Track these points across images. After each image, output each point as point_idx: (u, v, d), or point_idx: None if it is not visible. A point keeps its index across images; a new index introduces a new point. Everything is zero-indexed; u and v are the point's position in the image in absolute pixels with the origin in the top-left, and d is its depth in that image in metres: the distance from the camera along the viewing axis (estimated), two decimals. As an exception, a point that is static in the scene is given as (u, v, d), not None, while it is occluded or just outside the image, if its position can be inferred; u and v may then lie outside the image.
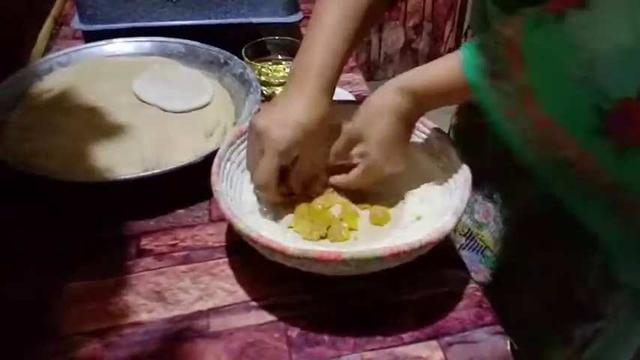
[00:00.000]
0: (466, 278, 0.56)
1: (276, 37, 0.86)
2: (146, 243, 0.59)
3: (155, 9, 0.88)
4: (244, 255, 0.56)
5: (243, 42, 0.82)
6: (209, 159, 0.59)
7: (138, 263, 0.57)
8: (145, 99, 0.75)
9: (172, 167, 0.62)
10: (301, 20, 0.92)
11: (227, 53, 0.83)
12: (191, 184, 0.63)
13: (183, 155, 0.65)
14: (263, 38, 0.86)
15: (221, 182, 0.56)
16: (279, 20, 0.91)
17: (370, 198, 0.62)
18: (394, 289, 0.55)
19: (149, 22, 0.89)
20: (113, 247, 0.59)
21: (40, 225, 0.61)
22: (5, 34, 0.85)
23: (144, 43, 0.86)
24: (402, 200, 0.61)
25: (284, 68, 0.84)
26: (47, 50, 0.95)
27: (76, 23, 0.89)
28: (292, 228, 0.58)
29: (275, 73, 0.83)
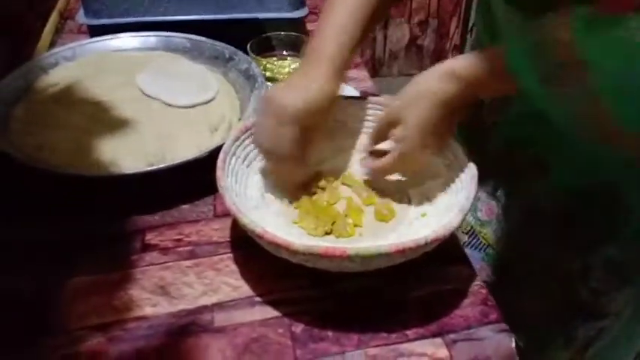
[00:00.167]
0: (471, 275, 0.56)
1: (281, 33, 0.86)
2: (151, 238, 0.59)
3: (160, 4, 0.88)
4: (249, 250, 0.56)
5: (248, 37, 0.82)
6: (214, 154, 0.58)
7: (142, 258, 0.57)
8: (150, 94, 0.74)
9: (177, 162, 0.62)
10: (307, 16, 0.92)
11: (232, 48, 0.82)
12: (196, 179, 0.63)
13: (187, 150, 0.65)
14: (268, 34, 0.86)
15: (226, 177, 0.56)
16: (284, 16, 0.91)
17: (375, 194, 0.61)
18: (399, 286, 0.54)
19: (154, 17, 0.88)
20: (118, 242, 0.59)
21: (45, 219, 0.61)
22: (7, 29, 0.85)
23: (149, 38, 0.86)
24: (407, 197, 0.61)
25: (289, 64, 0.83)
26: (52, 44, 0.95)
27: (82, 18, 0.89)
28: (297, 224, 0.58)
29: (280, 69, 0.83)
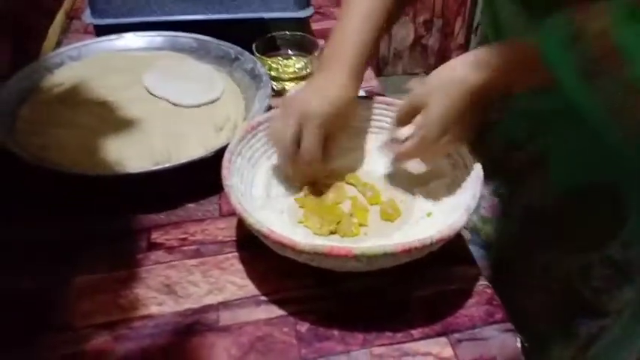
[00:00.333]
0: (476, 275, 0.56)
1: (286, 33, 0.86)
2: (157, 236, 0.60)
3: (166, 3, 0.88)
4: (254, 249, 0.56)
5: (253, 37, 0.82)
6: (219, 153, 0.59)
7: (148, 256, 0.57)
8: (156, 93, 0.75)
9: (183, 161, 0.62)
10: (312, 15, 0.92)
11: (238, 48, 0.83)
12: (201, 179, 0.63)
13: (193, 150, 0.65)
14: (274, 33, 0.86)
15: (232, 177, 0.56)
16: (290, 15, 0.90)
17: (381, 193, 0.61)
18: (404, 285, 0.54)
19: (160, 17, 0.89)
20: (123, 241, 0.59)
21: (50, 218, 0.62)
22: (13, 28, 0.86)
23: (155, 38, 0.86)
24: (413, 196, 0.61)
25: (294, 63, 0.84)
26: (58, 44, 0.95)
27: (88, 17, 0.89)
28: (302, 223, 0.58)
29: (285, 69, 0.83)
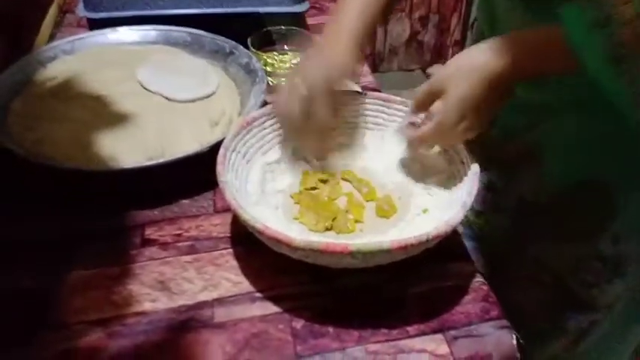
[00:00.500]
0: (472, 272, 0.56)
1: (282, 27, 0.85)
2: (150, 233, 0.59)
3: (160, -3, 0.88)
4: (249, 246, 0.56)
5: (249, 31, 0.81)
6: (214, 149, 0.58)
7: (142, 253, 0.57)
8: (150, 88, 0.74)
9: (177, 157, 0.62)
10: (308, 10, 0.91)
11: (233, 43, 0.82)
12: (196, 174, 0.62)
13: (187, 145, 0.65)
14: (269, 28, 0.85)
15: (227, 172, 0.55)
16: (285, 10, 0.90)
17: (376, 190, 0.61)
18: (400, 282, 0.54)
19: (154, 11, 0.88)
20: (117, 237, 0.59)
21: (44, 213, 0.61)
22: (5, 22, 0.85)
23: (149, 32, 0.85)
24: (409, 192, 0.61)
25: (290, 58, 0.83)
26: (51, 38, 0.94)
27: (81, 11, 0.88)
28: (297, 219, 0.58)
29: (281, 64, 0.82)
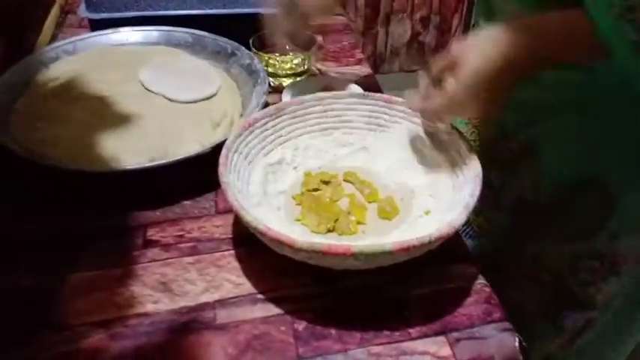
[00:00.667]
0: (475, 274, 0.56)
1: (284, 28, 0.85)
2: (152, 234, 0.59)
3: (162, -2, 0.88)
4: (251, 247, 0.56)
5: (250, 32, 0.81)
6: (216, 150, 0.58)
7: (144, 254, 0.57)
8: (152, 89, 0.74)
9: (179, 158, 0.62)
10: (309, 11, 0.91)
11: (234, 44, 0.82)
12: (197, 175, 0.62)
13: (189, 146, 0.65)
14: (271, 29, 0.85)
15: (229, 173, 0.55)
16: (287, 11, 0.90)
17: (379, 191, 0.61)
18: (402, 284, 0.54)
19: (156, 11, 0.88)
20: (119, 238, 0.59)
21: (46, 214, 0.61)
22: (7, 22, 0.85)
23: (151, 33, 0.86)
24: (411, 194, 0.61)
25: (291, 59, 0.83)
26: (53, 38, 0.94)
27: (83, 11, 0.88)
28: (299, 221, 0.58)
29: (282, 65, 0.82)
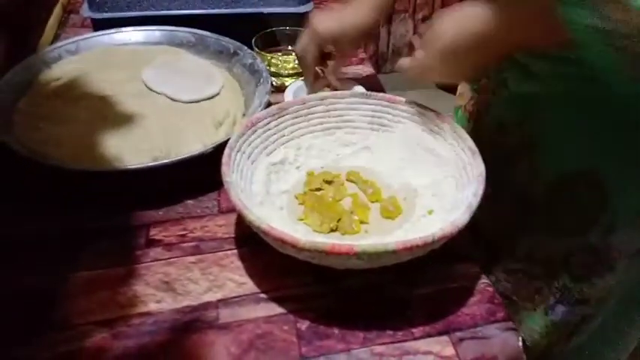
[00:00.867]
0: (478, 274, 0.56)
1: (286, 28, 0.85)
2: (155, 233, 0.59)
3: (165, -3, 0.88)
4: (253, 246, 0.56)
5: (253, 32, 0.82)
6: (218, 149, 0.58)
7: (147, 253, 0.57)
8: (154, 88, 0.74)
9: (182, 157, 0.62)
10: (312, 11, 0.91)
11: (237, 43, 0.82)
12: (200, 175, 0.62)
13: (192, 145, 0.65)
14: (273, 28, 0.85)
15: (232, 173, 0.55)
16: (289, 10, 0.90)
17: (381, 191, 0.61)
18: (405, 284, 0.54)
19: (159, 11, 0.88)
20: (122, 237, 0.59)
21: (48, 214, 0.61)
22: (10, 22, 0.85)
23: (153, 32, 0.86)
24: (414, 193, 0.61)
25: (294, 59, 0.83)
26: (56, 38, 0.94)
27: (85, 11, 0.89)
28: (302, 220, 0.58)
29: (285, 64, 0.82)
